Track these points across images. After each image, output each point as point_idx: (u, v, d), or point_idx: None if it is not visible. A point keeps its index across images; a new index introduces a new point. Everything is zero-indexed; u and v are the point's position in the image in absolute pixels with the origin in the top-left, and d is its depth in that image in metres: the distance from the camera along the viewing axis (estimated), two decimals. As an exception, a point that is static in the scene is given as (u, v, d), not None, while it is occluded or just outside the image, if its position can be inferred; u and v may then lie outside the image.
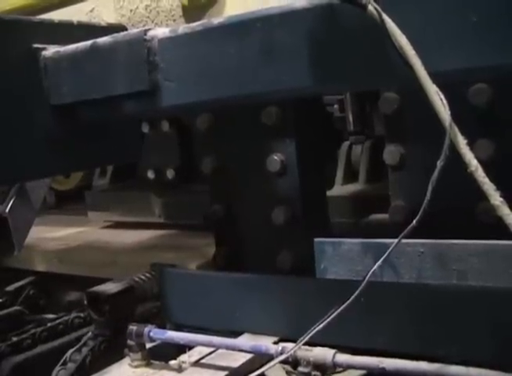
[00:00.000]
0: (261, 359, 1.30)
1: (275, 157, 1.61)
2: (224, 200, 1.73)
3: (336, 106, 2.42)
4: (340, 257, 1.41)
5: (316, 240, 1.44)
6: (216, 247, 1.78)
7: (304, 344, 1.14)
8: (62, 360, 1.52)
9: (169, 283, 1.60)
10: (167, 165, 2.36)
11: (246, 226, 1.71)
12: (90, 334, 1.57)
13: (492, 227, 0.93)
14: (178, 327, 1.55)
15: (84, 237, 2.64)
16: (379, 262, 0.98)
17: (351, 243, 1.40)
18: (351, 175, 2.27)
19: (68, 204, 3.20)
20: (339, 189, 2.21)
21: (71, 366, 1.50)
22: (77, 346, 1.55)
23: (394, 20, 0.85)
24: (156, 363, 1.40)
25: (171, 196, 2.38)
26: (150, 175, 2.41)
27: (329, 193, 1.91)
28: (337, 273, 1.42)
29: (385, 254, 0.98)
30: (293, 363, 1.18)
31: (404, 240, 1.04)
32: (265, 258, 1.65)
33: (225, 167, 1.73)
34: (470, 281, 1.26)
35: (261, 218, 1.65)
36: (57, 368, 1.50)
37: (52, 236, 2.75)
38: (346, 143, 2.32)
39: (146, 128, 2.32)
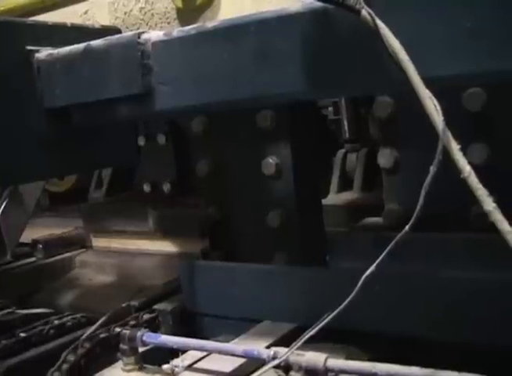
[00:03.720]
0: (253, 363, 1.29)
1: (271, 160, 1.60)
2: (219, 203, 1.73)
3: (330, 108, 2.42)
4: (350, 249, 1.42)
5: (328, 231, 1.47)
6: (210, 250, 1.78)
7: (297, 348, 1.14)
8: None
9: (192, 275, 1.61)
10: (164, 179, 2.35)
11: (241, 229, 1.71)
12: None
13: (486, 230, 0.93)
14: (202, 316, 1.58)
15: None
16: (372, 267, 0.98)
17: (361, 235, 1.40)
18: (346, 184, 2.26)
19: (62, 205, 3.19)
20: (334, 198, 2.21)
21: (65, 367, 1.49)
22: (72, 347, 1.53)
23: (387, 25, 0.85)
24: (149, 367, 1.39)
25: (168, 209, 2.37)
26: (146, 188, 2.40)
27: (324, 201, 1.91)
28: (346, 264, 1.45)
29: (378, 259, 0.98)
30: (285, 367, 1.18)
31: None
32: (259, 261, 1.65)
33: (220, 169, 1.72)
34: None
35: (256, 221, 1.65)
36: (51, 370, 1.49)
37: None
38: (341, 151, 2.32)
39: (142, 141, 2.32)
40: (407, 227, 0.91)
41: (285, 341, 1.34)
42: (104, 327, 1.56)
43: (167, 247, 2.36)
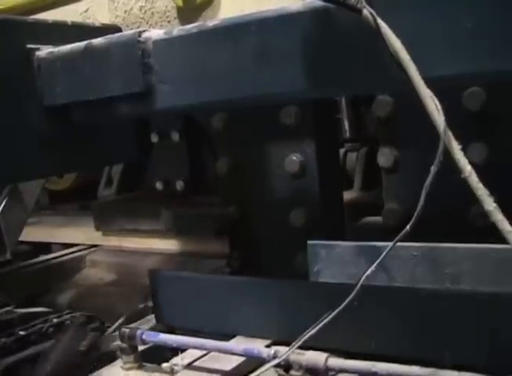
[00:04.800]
0: (253, 362, 1.29)
1: (294, 158, 1.59)
2: (239, 202, 1.72)
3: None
4: (334, 260, 1.41)
5: (310, 242, 1.44)
6: (230, 250, 1.77)
7: (298, 347, 1.14)
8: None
9: (162, 286, 1.59)
10: (177, 176, 2.33)
11: (263, 229, 1.69)
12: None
13: (487, 230, 0.93)
14: (171, 330, 1.54)
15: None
16: (372, 267, 0.98)
17: (345, 246, 1.39)
18: (346, 183, 2.26)
19: (61, 204, 3.19)
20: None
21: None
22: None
23: (389, 25, 0.85)
24: (149, 365, 1.39)
25: (183, 208, 2.34)
26: (159, 186, 2.38)
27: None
28: (330, 276, 1.41)
29: (378, 259, 0.99)
30: (286, 366, 1.18)
31: (398, 244, 1.04)
32: (281, 260, 1.64)
33: (240, 167, 1.71)
34: (462, 285, 1.26)
35: (279, 220, 1.64)
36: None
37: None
38: (341, 150, 2.32)
39: (155, 138, 2.29)
40: (408, 227, 0.92)
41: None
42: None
43: (180, 246, 2.35)
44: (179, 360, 1.37)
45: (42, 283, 2.34)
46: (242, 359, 1.33)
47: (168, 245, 2.35)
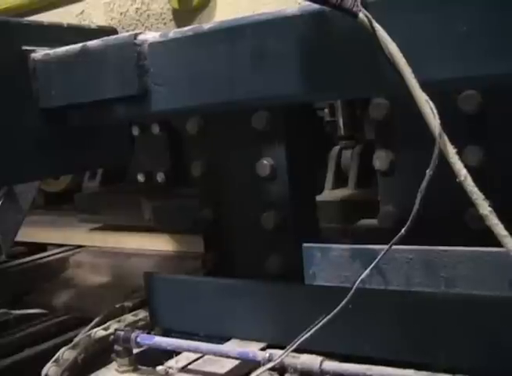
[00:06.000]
0: (248, 365, 1.29)
1: (265, 162, 1.60)
2: (213, 204, 1.73)
3: (326, 110, 2.42)
4: (329, 262, 1.41)
5: (305, 245, 1.44)
6: (205, 251, 1.78)
7: (292, 351, 1.14)
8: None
9: (157, 289, 1.59)
10: (158, 168, 2.34)
11: (236, 230, 1.71)
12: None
13: (483, 233, 0.93)
14: (166, 333, 1.54)
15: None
16: (367, 270, 0.98)
17: (341, 248, 1.39)
18: (340, 180, 2.26)
19: (57, 205, 3.19)
20: (328, 194, 2.21)
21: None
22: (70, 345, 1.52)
23: (384, 28, 0.85)
24: (144, 368, 1.39)
25: (162, 199, 2.36)
26: (140, 178, 2.39)
27: (318, 197, 1.91)
28: (325, 279, 1.42)
29: (374, 262, 0.98)
30: (280, 369, 1.18)
31: (393, 247, 1.04)
32: (253, 262, 1.64)
33: (214, 171, 1.72)
34: (458, 288, 1.26)
35: (251, 222, 1.65)
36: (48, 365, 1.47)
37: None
38: (336, 148, 2.32)
39: (136, 131, 2.31)
40: (403, 230, 0.92)
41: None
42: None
43: (162, 243, 2.36)
44: (174, 363, 1.37)
45: (25, 284, 2.35)
46: (236, 362, 1.32)
47: (151, 240, 2.37)
